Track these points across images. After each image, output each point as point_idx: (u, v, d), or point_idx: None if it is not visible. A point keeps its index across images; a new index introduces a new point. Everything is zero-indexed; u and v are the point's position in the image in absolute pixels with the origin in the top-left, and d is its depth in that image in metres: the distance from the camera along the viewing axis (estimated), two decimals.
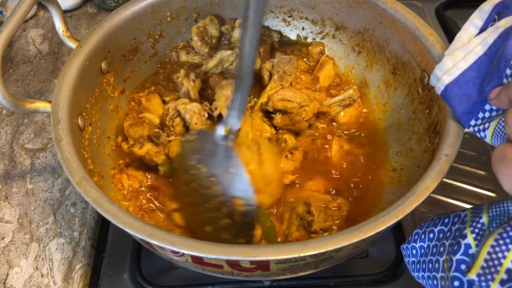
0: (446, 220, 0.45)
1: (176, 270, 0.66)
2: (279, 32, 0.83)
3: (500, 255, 0.36)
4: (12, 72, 0.95)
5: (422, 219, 0.68)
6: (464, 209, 0.44)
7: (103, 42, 0.68)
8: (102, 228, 0.72)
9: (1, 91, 0.55)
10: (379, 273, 0.64)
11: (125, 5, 0.72)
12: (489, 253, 0.37)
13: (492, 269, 0.36)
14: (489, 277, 0.36)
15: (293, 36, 0.84)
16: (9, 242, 0.69)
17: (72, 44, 0.68)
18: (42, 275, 0.65)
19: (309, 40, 0.84)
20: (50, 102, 0.59)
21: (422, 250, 0.46)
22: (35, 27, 1.06)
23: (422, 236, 0.47)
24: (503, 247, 0.36)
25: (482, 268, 0.37)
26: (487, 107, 0.46)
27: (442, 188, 0.74)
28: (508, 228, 0.37)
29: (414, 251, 0.48)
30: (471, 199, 0.73)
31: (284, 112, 0.67)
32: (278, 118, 0.68)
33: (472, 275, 0.37)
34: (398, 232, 0.67)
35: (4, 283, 0.65)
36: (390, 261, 0.65)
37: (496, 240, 0.37)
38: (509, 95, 0.37)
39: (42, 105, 0.60)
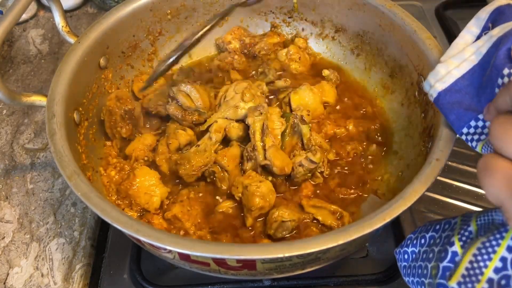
0: (438, 227, 0.45)
1: (176, 270, 0.67)
2: None
3: (481, 264, 0.36)
4: (12, 72, 0.95)
5: (422, 219, 0.69)
6: (455, 217, 0.44)
7: (102, 38, 0.68)
8: (102, 228, 0.72)
9: None
10: (379, 273, 0.64)
11: (125, 2, 0.72)
12: (470, 262, 0.37)
13: (473, 278, 0.36)
14: (469, 285, 0.36)
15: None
16: (9, 242, 0.69)
17: (71, 40, 0.68)
18: (42, 275, 0.66)
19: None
20: (46, 96, 0.59)
21: (414, 255, 0.46)
22: (35, 27, 1.06)
23: (414, 242, 0.47)
24: (485, 256, 0.36)
25: (463, 276, 0.37)
26: (481, 116, 0.46)
27: (442, 188, 0.74)
28: (491, 237, 0.36)
29: (406, 256, 0.48)
30: (471, 199, 0.73)
31: None
32: None
33: (453, 283, 0.37)
34: (398, 233, 0.67)
35: (4, 283, 0.65)
36: (390, 261, 0.65)
37: (479, 249, 0.37)
38: (497, 107, 0.37)
39: (38, 99, 0.60)
